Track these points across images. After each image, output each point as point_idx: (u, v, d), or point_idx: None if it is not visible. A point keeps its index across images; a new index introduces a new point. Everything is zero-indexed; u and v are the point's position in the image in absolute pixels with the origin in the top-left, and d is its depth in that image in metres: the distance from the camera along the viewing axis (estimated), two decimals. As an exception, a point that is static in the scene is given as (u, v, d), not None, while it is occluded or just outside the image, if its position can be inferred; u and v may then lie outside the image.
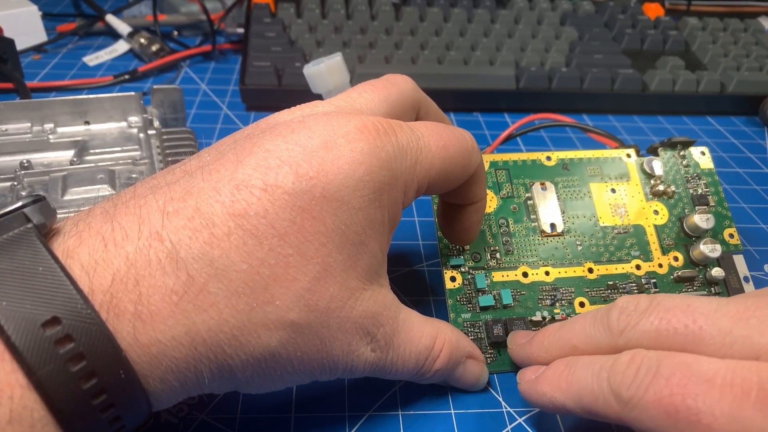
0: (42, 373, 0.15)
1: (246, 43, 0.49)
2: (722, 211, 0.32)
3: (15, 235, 0.16)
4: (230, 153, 0.20)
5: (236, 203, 0.18)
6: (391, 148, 0.20)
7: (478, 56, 0.48)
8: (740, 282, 0.30)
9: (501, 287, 0.28)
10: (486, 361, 0.27)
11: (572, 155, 0.32)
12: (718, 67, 0.51)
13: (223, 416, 0.24)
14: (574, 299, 0.29)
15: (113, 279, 0.16)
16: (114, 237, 0.17)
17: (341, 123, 0.20)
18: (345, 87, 0.35)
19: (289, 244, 0.18)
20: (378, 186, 0.20)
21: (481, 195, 0.26)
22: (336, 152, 0.19)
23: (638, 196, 0.32)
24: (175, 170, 0.20)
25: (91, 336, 0.15)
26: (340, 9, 0.53)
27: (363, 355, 0.21)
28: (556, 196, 0.31)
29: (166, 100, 0.38)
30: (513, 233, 0.30)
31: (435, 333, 0.23)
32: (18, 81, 0.44)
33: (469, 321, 0.28)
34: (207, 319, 0.17)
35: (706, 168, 0.33)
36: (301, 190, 0.18)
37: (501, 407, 0.26)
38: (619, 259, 0.30)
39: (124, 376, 0.16)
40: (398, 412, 0.25)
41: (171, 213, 0.18)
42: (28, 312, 0.15)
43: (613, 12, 0.57)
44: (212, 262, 0.17)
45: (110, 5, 0.60)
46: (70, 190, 0.31)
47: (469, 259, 0.29)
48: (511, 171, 0.32)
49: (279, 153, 0.19)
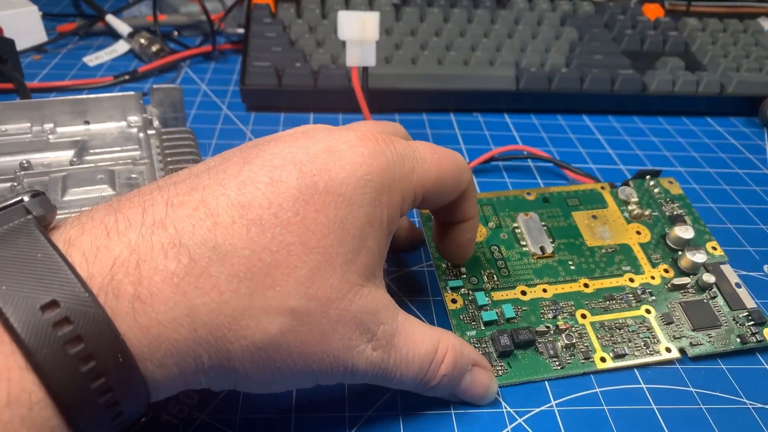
0: (40, 355, 0.15)
1: (246, 43, 0.49)
2: (700, 228, 0.34)
3: (15, 225, 0.17)
4: (236, 157, 0.20)
5: (241, 196, 0.19)
6: (390, 155, 0.22)
7: (478, 57, 0.48)
8: (733, 287, 0.30)
9: (502, 304, 0.29)
10: (496, 374, 0.26)
11: (551, 190, 0.35)
12: (717, 67, 0.51)
13: (223, 416, 0.24)
14: (575, 311, 0.29)
15: (114, 263, 0.17)
16: (117, 226, 0.17)
17: (343, 133, 0.22)
18: (371, 44, 0.35)
19: (292, 233, 0.19)
20: (378, 186, 0.21)
21: (472, 212, 0.27)
22: (338, 155, 0.21)
23: (619, 221, 0.34)
24: (180, 173, 0.21)
25: (88, 318, 0.16)
26: (340, 9, 0.53)
27: (364, 352, 0.21)
28: (542, 224, 0.33)
29: (166, 99, 0.38)
30: (507, 258, 0.31)
31: (437, 337, 0.23)
32: (18, 81, 0.44)
33: (475, 337, 0.28)
34: (208, 301, 0.17)
35: (677, 193, 0.36)
36: (305, 185, 0.19)
37: (501, 407, 0.26)
38: (612, 274, 0.31)
39: (122, 359, 0.16)
40: (398, 412, 0.25)
41: (176, 204, 0.18)
42: (26, 295, 0.15)
43: (613, 13, 0.57)
44: (215, 248, 0.18)
45: (110, 5, 0.60)
46: (70, 190, 0.31)
47: (467, 282, 0.30)
48: (496, 206, 0.34)
49: (284, 155, 0.20)
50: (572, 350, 0.28)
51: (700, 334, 0.29)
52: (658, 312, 0.29)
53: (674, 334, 0.29)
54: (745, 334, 0.29)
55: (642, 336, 0.28)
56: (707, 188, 0.41)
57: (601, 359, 0.27)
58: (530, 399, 0.26)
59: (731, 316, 0.29)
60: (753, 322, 0.29)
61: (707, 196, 0.40)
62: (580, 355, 0.27)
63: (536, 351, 0.27)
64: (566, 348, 0.27)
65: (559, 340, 0.28)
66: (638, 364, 0.27)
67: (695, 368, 0.28)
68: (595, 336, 0.28)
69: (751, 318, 0.29)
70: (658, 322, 0.29)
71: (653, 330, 0.29)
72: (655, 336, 0.28)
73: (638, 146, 0.45)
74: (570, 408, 0.26)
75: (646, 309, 0.29)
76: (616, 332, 0.28)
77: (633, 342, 0.28)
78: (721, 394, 0.27)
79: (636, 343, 0.28)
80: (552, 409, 0.26)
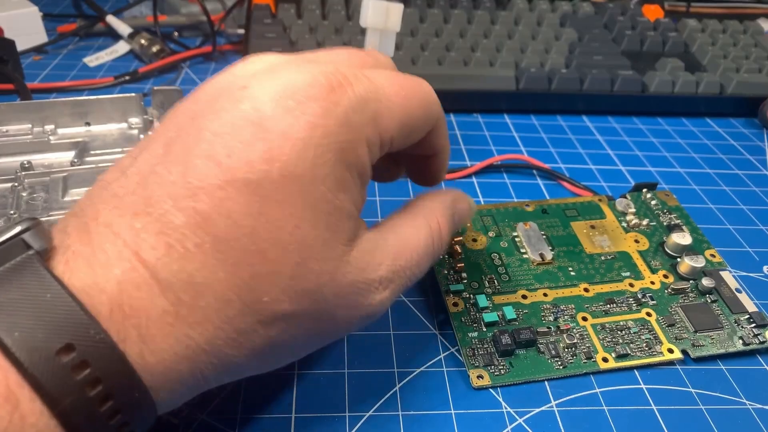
0: (65, 404, 0.15)
1: (246, 43, 0.49)
2: (698, 237, 0.34)
3: (18, 263, 0.16)
4: (178, 144, 0.18)
5: (198, 212, 0.17)
6: (347, 102, 0.19)
7: (478, 57, 0.48)
8: (733, 292, 0.30)
9: (503, 306, 0.29)
10: (498, 373, 0.27)
11: (550, 202, 0.36)
12: (717, 68, 0.51)
13: (223, 416, 0.24)
14: (576, 314, 0.29)
15: (111, 305, 0.16)
16: (98, 260, 0.17)
17: (289, 80, 0.19)
18: (391, 35, 0.35)
19: (262, 238, 0.17)
20: (339, 146, 0.19)
21: (443, 144, 0.25)
22: (287, 120, 0.18)
23: (617, 230, 0.34)
24: (128, 172, 0.18)
25: (105, 360, 0.15)
26: (341, 10, 0.53)
27: (375, 299, 0.21)
28: (541, 233, 0.33)
29: (167, 101, 0.38)
30: (507, 264, 0.32)
31: (424, 222, 0.24)
32: (19, 82, 0.44)
33: (476, 339, 0.28)
34: (203, 331, 0.17)
35: (673, 205, 0.36)
36: (259, 177, 0.17)
37: (501, 407, 0.26)
38: (612, 279, 0.31)
39: (138, 395, 0.16)
40: (398, 412, 0.25)
41: (140, 230, 0.17)
42: (42, 341, 0.15)
43: (612, 13, 0.57)
44: (192, 278, 0.17)
45: (111, 6, 0.60)
46: (71, 191, 0.31)
47: (468, 287, 0.30)
48: (496, 216, 0.34)
49: (225, 138, 0.18)
50: (574, 350, 0.28)
51: (702, 335, 0.29)
52: (659, 315, 0.29)
53: (676, 335, 0.29)
54: (747, 336, 0.29)
55: (644, 337, 0.28)
56: (707, 189, 0.41)
57: (603, 359, 0.27)
58: (530, 399, 0.26)
59: (732, 319, 0.30)
60: (754, 324, 0.29)
61: (707, 197, 0.40)
62: (581, 355, 0.27)
63: (538, 351, 0.27)
64: (568, 348, 0.28)
65: (560, 341, 0.28)
66: (640, 364, 0.28)
67: (695, 369, 0.28)
68: (596, 337, 0.28)
69: (753, 321, 0.29)
70: (660, 324, 0.29)
71: (655, 332, 0.29)
72: (657, 337, 0.28)
73: (638, 147, 0.45)
74: (570, 408, 0.26)
75: (647, 312, 0.29)
76: (618, 334, 0.28)
77: (635, 343, 0.28)
78: (720, 394, 0.27)
79: (638, 344, 0.28)
80: (552, 410, 0.26)
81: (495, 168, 0.41)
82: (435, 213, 0.24)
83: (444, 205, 0.25)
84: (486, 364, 0.27)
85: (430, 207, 0.25)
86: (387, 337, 0.28)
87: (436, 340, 0.29)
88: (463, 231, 0.33)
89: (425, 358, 0.28)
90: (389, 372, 0.27)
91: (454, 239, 0.32)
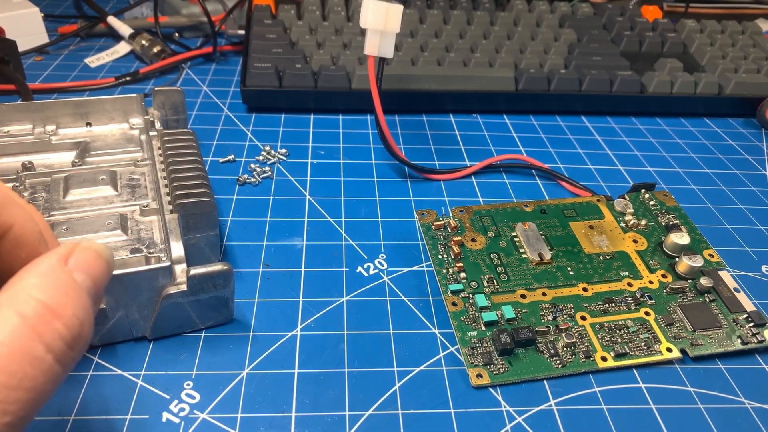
0: None
1: (247, 44, 0.49)
2: (697, 237, 0.34)
3: None
4: None
5: None
6: None
7: (477, 58, 0.48)
8: (732, 291, 0.31)
9: (502, 306, 0.29)
10: (497, 372, 0.27)
11: (548, 203, 0.36)
12: (715, 69, 0.51)
13: (223, 416, 0.25)
14: (575, 314, 0.29)
15: None
16: None
17: None
18: (391, 36, 0.36)
19: None
20: None
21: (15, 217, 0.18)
22: None
23: (616, 230, 0.34)
24: None
25: None
26: (341, 11, 0.53)
27: None
28: (540, 233, 0.33)
29: (168, 101, 0.38)
30: (506, 264, 0.32)
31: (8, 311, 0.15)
32: (20, 82, 0.44)
33: (476, 338, 0.28)
34: None
35: (672, 205, 0.36)
36: None
37: (500, 406, 0.26)
38: (610, 279, 0.31)
39: None
40: (398, 411, 0.25)
41: None
42: None
43: (611, 14, 0.57)
44: None
45: (111, 7, 0.60)
46: (72, 191, 0.31)
47: (467, 287, 0.30)
48: (495, 217, 0.35)
49: None
50: (573, 349, 0.28)
51: (701, 335, 0.29)
52: (657, 314, 0.30)
53: (675, 334, 0.29)
54: (745, 335, 0.29)
55: (642, 337, 0.29)
56: (705, 189, 0.41)
57: (602, 358, 0.27)
58: (529, 398, 0.26)
59: (731, 318, 0.30)
60: (753, 324, 0.29)
61: (705, 197, 0.40)
62: (580, 354, 0.28)
63: (537, 350, 0.28)
64: (567, 347, 0.28)
65: (559, 340, 0.28)
66: (639, 363, 0.28)
67: (694, 368, 0.28)
68: (595, 336, 0.28)
69: (751, 320, 0.29)
70: (658, 323, 0.29)
71: (653, 331, 0.29)
72: (655, 336, 0.29)
73: (636, 147, 0.45)
74: (569, 407, 0.26)
75: (645, 311, 0.30)
76: (616, 333, 0.29)
77: (633, 342, 0.28)
78: (719, 393, 0.27)
79: (637, 343, 0.28)
80: (551, 409, 0.26)
81: (494, 168, 0.41)
82: (26, 290, 0.16)
83: (42, 272, 0.16)
84: (485, 363, 0.27)
85: (17, 286, 0.16)
86: (387, 336, 0.29)
87: (436, 340, 0.29)
88: (462, 231, 0.33)
89: (425, 358, 0.28)
90: (389, 371, 0.27)
91: (453, 239, 0.32)
